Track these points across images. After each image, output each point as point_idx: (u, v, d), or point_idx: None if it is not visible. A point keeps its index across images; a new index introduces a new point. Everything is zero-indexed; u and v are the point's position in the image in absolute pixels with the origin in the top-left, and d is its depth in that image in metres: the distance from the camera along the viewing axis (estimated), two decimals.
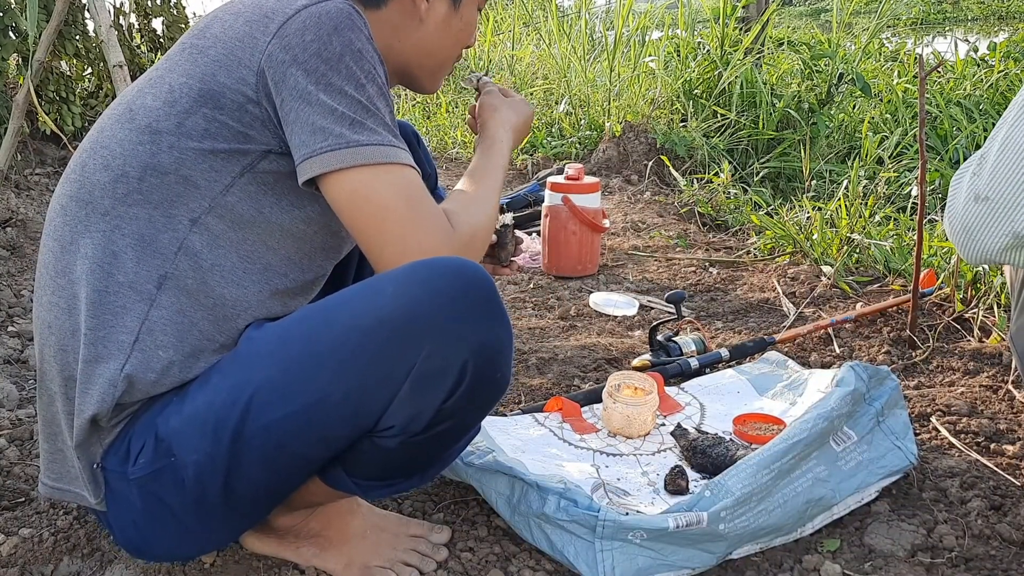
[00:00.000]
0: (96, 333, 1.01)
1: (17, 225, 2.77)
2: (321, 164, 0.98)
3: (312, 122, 0.98)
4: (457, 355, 0.96)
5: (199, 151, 1.00)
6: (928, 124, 3.73)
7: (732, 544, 1.17)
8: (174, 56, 1.06)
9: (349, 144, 0.98)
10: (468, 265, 0.99)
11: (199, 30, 1.06)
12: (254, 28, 1.00)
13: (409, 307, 0.95)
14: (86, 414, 1.01)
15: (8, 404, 1.69)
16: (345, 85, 0.98)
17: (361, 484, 1.07)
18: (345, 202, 1.00)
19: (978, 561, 1.19)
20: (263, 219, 1.05)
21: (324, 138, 0.98)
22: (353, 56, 0.99)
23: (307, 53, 0.98)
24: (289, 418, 0.97)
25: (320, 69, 0.98)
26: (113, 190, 1.01)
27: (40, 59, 2.91)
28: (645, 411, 1.47)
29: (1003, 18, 11.86)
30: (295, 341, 1.00)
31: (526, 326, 2.12)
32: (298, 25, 0.98)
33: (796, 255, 2.55)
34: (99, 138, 1.06)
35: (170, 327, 1.02)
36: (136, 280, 1.01)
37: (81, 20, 3.44)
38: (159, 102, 1.02)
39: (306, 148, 0.99)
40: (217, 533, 1.11)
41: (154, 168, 1.01)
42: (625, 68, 4.35)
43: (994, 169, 1.16)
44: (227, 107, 1.00)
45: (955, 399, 1.62)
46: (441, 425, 1.00)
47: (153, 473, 1.02)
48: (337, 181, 0.99)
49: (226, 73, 1.00)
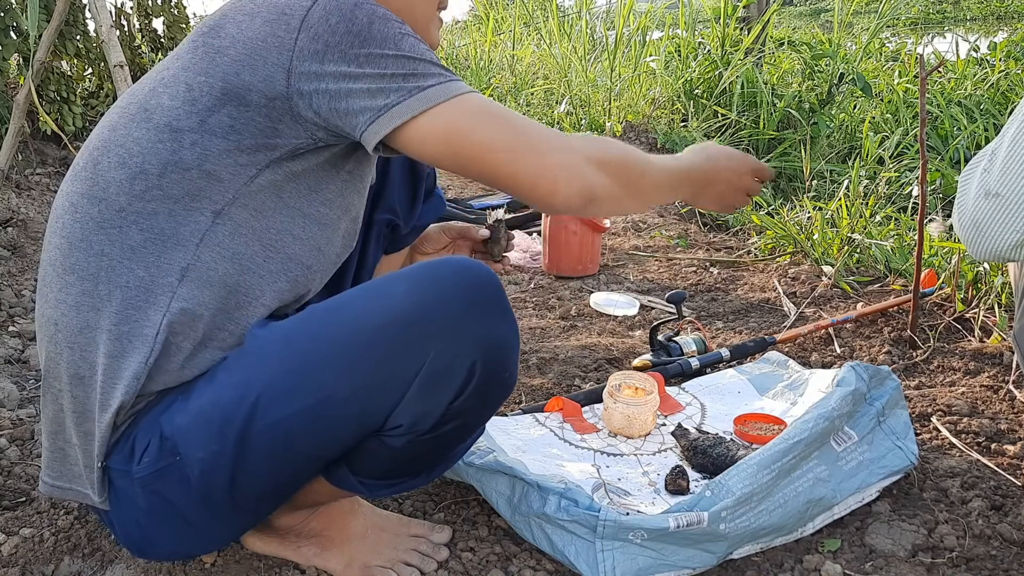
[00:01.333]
0: (120, 328, 1.00)
1: (18, 225, 2.77)
2: (394, 118, 0.97)
3: (367, 89, 0.97)
4: (466, 355, 0.96)
5: (223, 148, 1.00)
6: (929, 124, 3.73)
7: (733, 544, 1.17)
8: (186, 56, 1.04)
9: (413, 92, 0.98)
10: (475, 266, 0.99)
11: (210, 28, 1.04)
12: (276, 27, 0.99)
13: (418, 307, 0.95)
14: (112, 406, 1.01)
15: (9, 404, 1.69)
16: (384, 49, 0.98)
17: (366, 483, 1.07)
18: (438, 146, 0.99)
19: (979, 561, 1.19)
20: (285, 206, 1.04)
21: (386, 96, 0.97)
22: (381, 21, 0.99)
23: (337, 35, 0.97)
24: (296, 416, 0.97)
25: (355, 44, 0.97)
26: (131, 187, 1.01)
27: (41, 59, 2.91)
28: (646, 411, 1.47)
29: (1001, 18, 11.88)
30: (302, 339, 1.00)
31: (527, 326, 2.12)
32: (320, 13, 0.98)
33: (797, 255, 2.55)
34: (112, 136, 1.04)
35: (190, 318, 1.01)
36: (157, 274, 1.00)
37: (82, 20, 3.44)
38: (177, 101, 1.01)
39: (370, 112, 0.98)
40: (221, 531, 1.11)
41: (175, 164, 1.00)
42: (626, 68, 4.36)
43: (1004, 165, 1.17)
44: (254, 104, 0.99)
45: (956, 399, 1.62)
46: (448, 424, 1.00)
47: (158, 472, 1.02)
48: (417, 130, 0.98)
49: (251, 72, 0.98)
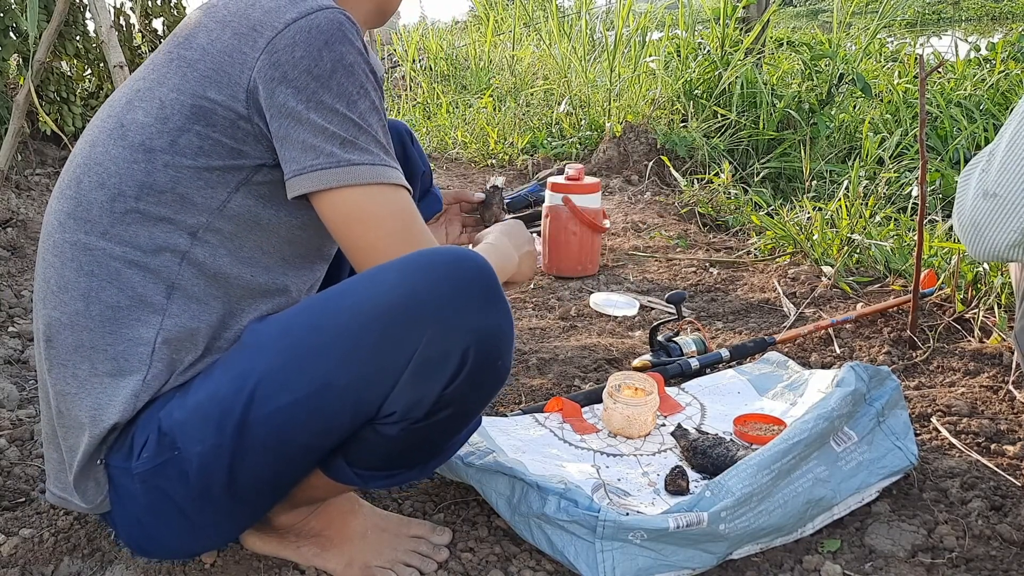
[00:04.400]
0: (116, 348, 1.02)
1: (18, 225, 2.77)
2: (312, 182, 0.99)
3: (303, 140, 0.98)
4: (458, 341, 0.96)
5: (194, 169, 1.01)
6: (928, 124, 3.73)
7: (732, 544, 1.17)
8: (161, 66, 1.05)
9: (340, 163, 0.98)
10: (469, 254, 1.00)
11: (184, 38, 1.05)
12: (242, 42, 0.99)
13: (410, 294, 0.96)
14: (106, 424, 1.02)
15: (8, 404, 1.69)
16: (336, 103, 0.98)
17: (362, 475, 1.08)
18: (338, 221, 1.01)
19: (978, 561, 1.19)
20: (260, 228, 1.06)
21: (315, 156, 0.98)
22: (345, 71, 0.99)
23: (297, 70, 0.97)
24: (293, 406, 0.98)
25: (311, 87, 0.97)
26: (111, 208, 1.02)
27: (40, 59, 2.91)
28: (645, 411, 1.47)
29: (996, 19, 11.90)
30: (298, 330, 1.00)
31: (527, 326, 2.12)
32: (287, 40, 0.97)
33: (796, 255, 2.55)
34: (92, 153, 1.06)
35: (184, 333, 1.04)
36: (146, 294, 1.02)
37: (81, 20, 3.44)
38: (151, 118, 1.02)
39: (296, 164, 0.99)
40: (221, 528, 1.11)
41: (150, 187, 1.01)
42: (625, 68, 4.36)
43: (1002, 166, 1.17)
44: (219, 124, 1.00)
45: (955, 399, 1.62)
46: (442, 412, 1.00)
47: (157, 467, 1.02)
48: (329, 200, 1.00)
49: (216, 89, 0.99)
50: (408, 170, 1.41)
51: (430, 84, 5.85)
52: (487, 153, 4.28)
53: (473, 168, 4.20)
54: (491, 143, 4.30)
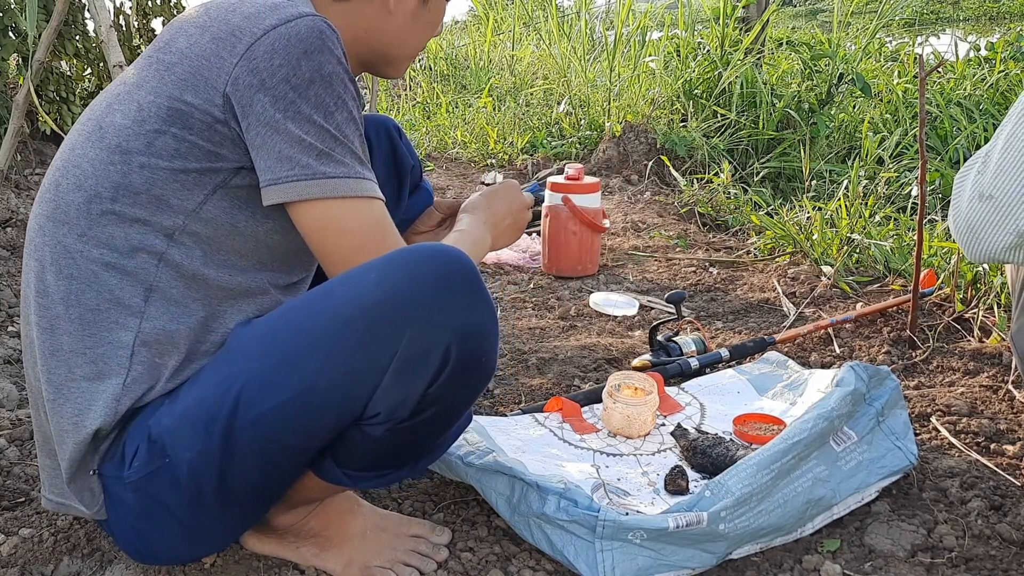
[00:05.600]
0: (95, 351, 1.02)
1: (17, 225, 2.77)
2: (287, 193, 0.99)
3: (279, 150, 0.98)
4: (439, 339, 0.96)
5: (170, 171, 1.01)
6: (928, 124, 3.73)
7: (732, 544, 1.17)
8: (141, 70, 1.05)
9: (315, 176, 0.99)
10: (450, 251, 1.00)
11: (164, 43, 1.05)
12: (220, 47, 0.99)
13: (391, 292, 0.96)
14: (88, 429, 1.02)
15: (8, 404, 1.69)
16: (313, 113, 0.98)
17: (352, 475, 1.08)
18: (312, 232, 1.02)
19: (978, 561, 1.19)
20: (238, 232, 1.06)
21: (291, 167, 0.98)
22: (323, 82, 0.98)
23: (275, 79, 0.97)
24: (278, 408, 0.98)
25: (288, 96, 0.97)
26: (88, 210, 1.02)
27: (40, 59, 2.91)
28: (645, 411, 1.47)
29: (994, 19, 11.89)
30: (281, 333, 1.00)
31: (526, 326, 2.12)
32: (266, 47, 0.97)
33: (796, 255, 2.55)
34: (71, 156, 1.06)
35: (164, 336, 1.03)
36: (123, 296, 1.02)
37: (81, 20, 3.43)
38: (128, 120, 1.02)
39: (272, 174, 0.99)
40: (216, 533, 1.11)
41: (126, 188, 1.01)
42: (625, 68, 4.36)
43: (998, 167, 1.16)
44: (196, 127, 1.00)
45: (955, 399, 1.62)
46: (427, 411, 1.00)
47: (148, 475, 1.02)
48: (304, 211, 1.00)
49: (193, 93, 0.99)
50: (397, 164, 1.41)
51: (430, 84, 5.85)
52: (487, 153, 4.27)
53: (473, 168, 4.20)
54: (491, 143, 4.30)
